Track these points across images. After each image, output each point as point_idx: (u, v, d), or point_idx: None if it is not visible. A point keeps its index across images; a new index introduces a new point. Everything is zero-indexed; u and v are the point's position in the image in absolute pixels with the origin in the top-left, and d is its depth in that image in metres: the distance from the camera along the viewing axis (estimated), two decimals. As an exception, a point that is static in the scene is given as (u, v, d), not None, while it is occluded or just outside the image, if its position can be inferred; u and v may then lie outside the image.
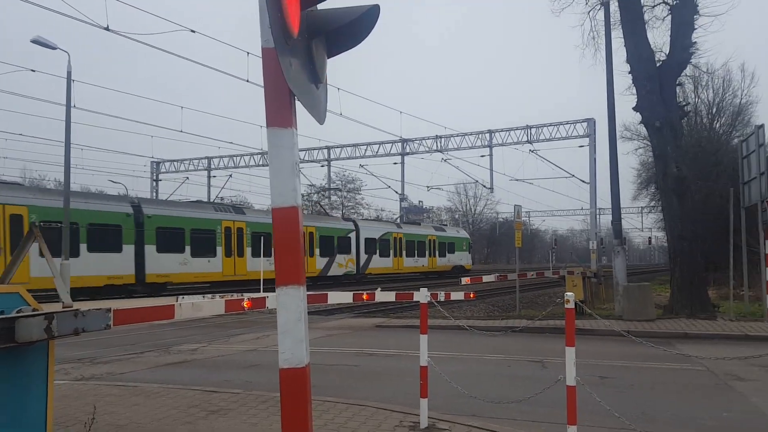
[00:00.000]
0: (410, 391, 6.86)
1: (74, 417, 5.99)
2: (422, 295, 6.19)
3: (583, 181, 37.82)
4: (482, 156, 41.55)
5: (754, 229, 15.22)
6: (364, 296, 13.16)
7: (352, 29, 2.72)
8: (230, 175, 46.35)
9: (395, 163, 45.41)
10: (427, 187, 50.19)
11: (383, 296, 14.64)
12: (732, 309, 15.04)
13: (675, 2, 16.71)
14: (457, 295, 18.56)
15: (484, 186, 46.90)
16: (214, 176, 48.08)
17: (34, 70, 25.31)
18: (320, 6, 2.67)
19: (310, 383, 2.61)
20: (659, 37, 23.57)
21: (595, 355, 10.03)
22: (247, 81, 24.91)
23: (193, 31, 20.56)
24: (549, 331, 13.30)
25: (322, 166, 47.48)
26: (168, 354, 10.96)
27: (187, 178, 46.93)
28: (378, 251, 40.57)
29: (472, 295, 17.86)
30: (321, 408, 6.30)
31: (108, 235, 23.88)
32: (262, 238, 25.56)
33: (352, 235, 38.51)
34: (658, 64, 16.49)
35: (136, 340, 12.85)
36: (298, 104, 2.60)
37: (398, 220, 50.95)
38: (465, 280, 21.06)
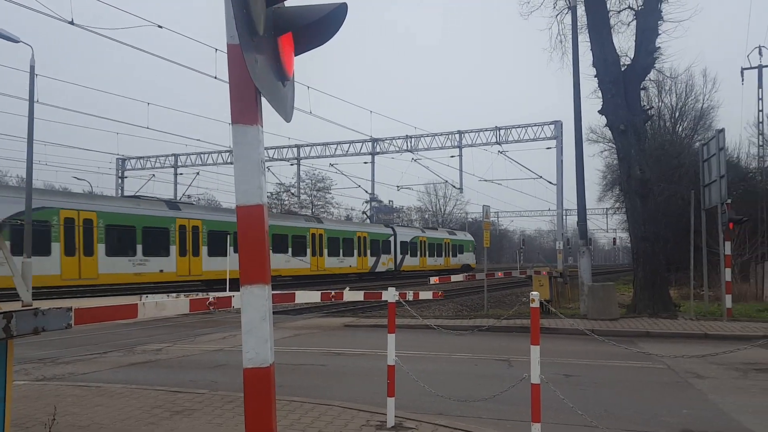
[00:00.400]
0: (377, 390, 6.87)
1: (34, 418, 5.85)
2: (390, 295, 6.20)
3: (550, 183, 38.24)
4: (452, 156, 41.73)
5: (714, 231, 15.64)
6: (332, 295, 13.09)
7: (319, 27, 2.71)
8: (197, 173, 45.81)
9: (365, 163, 45.33)
10: (398, 186, 50.19)
11: (351, 295, 14.61)
12: (692, 308, 15.41)
13: (640, 8, 17.05)
14: (425, 295, 18.64)
15: (454, 186, 47.15)
16: (181, 174, 47.37)
17: (-5, 64, 24.64)
18: (287, 3, 2.66)
19: (275, 383, 2.60)
20: (624, 42, 23.99)
21: (560, 354, 10.18)
22: (215, 78, 24.66)
23: (160, 27, 20.23)
24: (516, 330, 13.44)
25: (292, 164, 47.12)
26: (132, 354, 10.79)
27: (153, 175, 46.21)
28: (409, 252, 48.86)
29: (440, 294, 17.94)
30: (287, 408, 6.27)
31: None
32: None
33: (392, 239, 46.95)
34: (623, 69, 16.80)
35: (100, 339, 12.61)
36: (264, 101, 2.58)
37: (422, 225, 61.74)
38: (434, 280, 21.14)
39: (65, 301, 17.68)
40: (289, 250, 35.69)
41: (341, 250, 40.38)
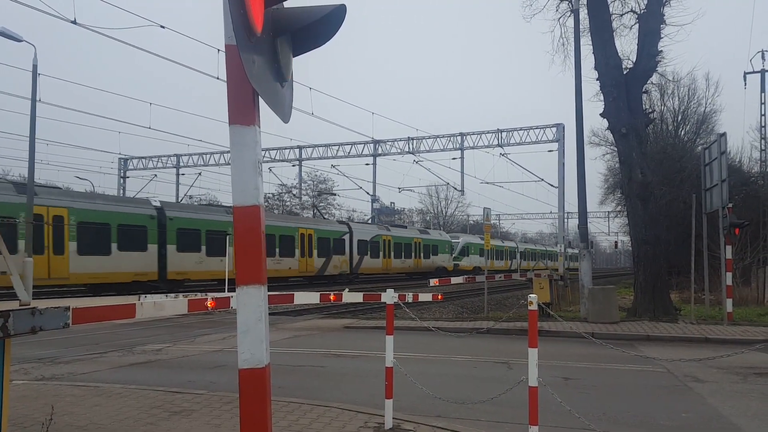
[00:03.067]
0: (376, 392, 6.87)
1: (32, 417, 5.85)
2: (388, 297, 6.19)
3: (552, 185, 38.28)
4: (453, 158, 41.79)
5: (715, 235, 15.61)
6: (332, 297, 13.05)
7: (317, 28, 2.71)
8: (199, 173, 45.84)
9: (367, 164, 45.40)
10: (399, 188, 50.32)
11: (351, 297, 14.61)
12: (693, 312, 15.37)
13: (642, 11, 17.04)
14: (425, 297, 18.61)
15: (455, 188, 47.18)
16: (183, 174, 47.48)
17: (-3, 63, 24.65)
18: (286, 4, 2.67)
19: (270, 384, 2.60)
20: (627, 45, 24.04)
21: (559, 357, 10.16)
22: (217, 78, 24.65)
23: (162, 27, 20.27)
24: (516, 332, 13.42)
25: (294, 165, 47.21)
26: (131, 354, 10.79)
27: (155, 175, 46.28)
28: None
29: (439, 297, 17.94)
30: (286, 409, 6.26)
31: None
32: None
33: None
34: (625, 72, 16.78)
35: (100, 339, 12.62)
36: (262, 102, 2.58)
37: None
38: (433, 282, 21.12)
39: (63, 300, 17.70)
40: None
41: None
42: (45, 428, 5.06)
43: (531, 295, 4.92)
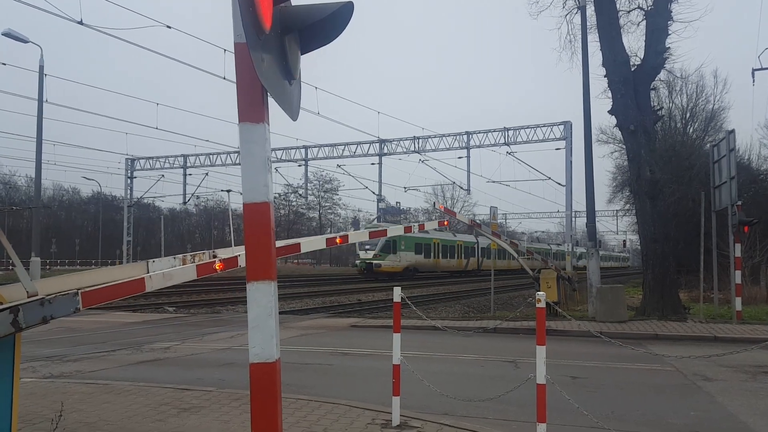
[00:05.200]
0: (383, 390, 6.88)
1: (41, 415, 5.89)
2: (396, 294, 6.19)
3: (559, 184, 38.03)
4: (459, 157, 41.54)
5: (724, 233, 15.54)
6: (338, 240, 12.72)
7: (325, 26, 2.71)
8: (206, 174, 45.96)
9: (373, 164, 45.28)
10: (405, 188, 50.14)
11: (355, 237, 14.47)
12: (702, 311, 15.31)
13: (650, 8, 16.98)
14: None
15: (461, 187, 46.94)
16: (190, 174, 47.50)
17: (5, 64, 24.79)
18: (294, 2, 2.68)
19: (281, 378, 2.61)
20: (634, 42, 23.92)
21: (567, 356, 10.14)
22: (224, 78, 24.66)
23: (168, 27, 20.31)
24: (523, 331, 13.41)
25: (299, 165, 47.18)
26: (140, 352, 10.84)
27: (163, 175, 46.36)
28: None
29: (446, 223, 17.49)
30: (294, 406, 6.28)
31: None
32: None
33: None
34: (633, 69, 16.72)
35: (108, 338, 12.68)
36: (271, 100, 2.60)
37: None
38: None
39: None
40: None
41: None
42: (54, 425, 5.10)
43: (539, 292, 4.92)
